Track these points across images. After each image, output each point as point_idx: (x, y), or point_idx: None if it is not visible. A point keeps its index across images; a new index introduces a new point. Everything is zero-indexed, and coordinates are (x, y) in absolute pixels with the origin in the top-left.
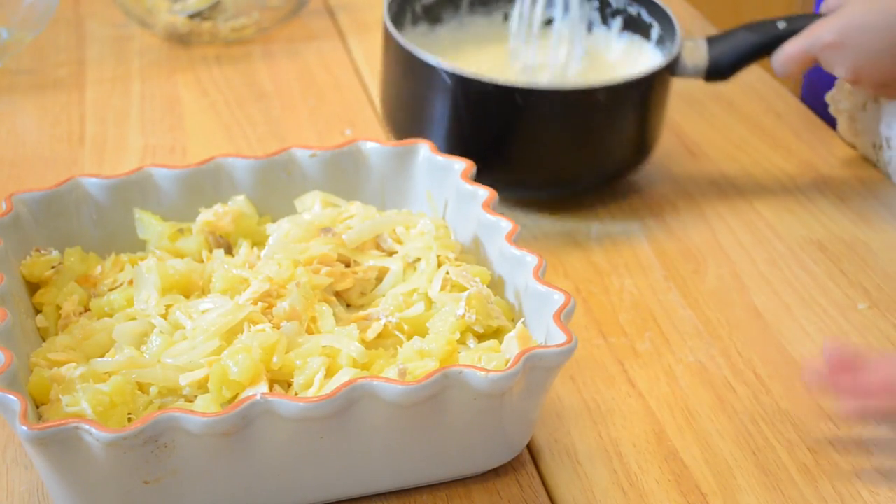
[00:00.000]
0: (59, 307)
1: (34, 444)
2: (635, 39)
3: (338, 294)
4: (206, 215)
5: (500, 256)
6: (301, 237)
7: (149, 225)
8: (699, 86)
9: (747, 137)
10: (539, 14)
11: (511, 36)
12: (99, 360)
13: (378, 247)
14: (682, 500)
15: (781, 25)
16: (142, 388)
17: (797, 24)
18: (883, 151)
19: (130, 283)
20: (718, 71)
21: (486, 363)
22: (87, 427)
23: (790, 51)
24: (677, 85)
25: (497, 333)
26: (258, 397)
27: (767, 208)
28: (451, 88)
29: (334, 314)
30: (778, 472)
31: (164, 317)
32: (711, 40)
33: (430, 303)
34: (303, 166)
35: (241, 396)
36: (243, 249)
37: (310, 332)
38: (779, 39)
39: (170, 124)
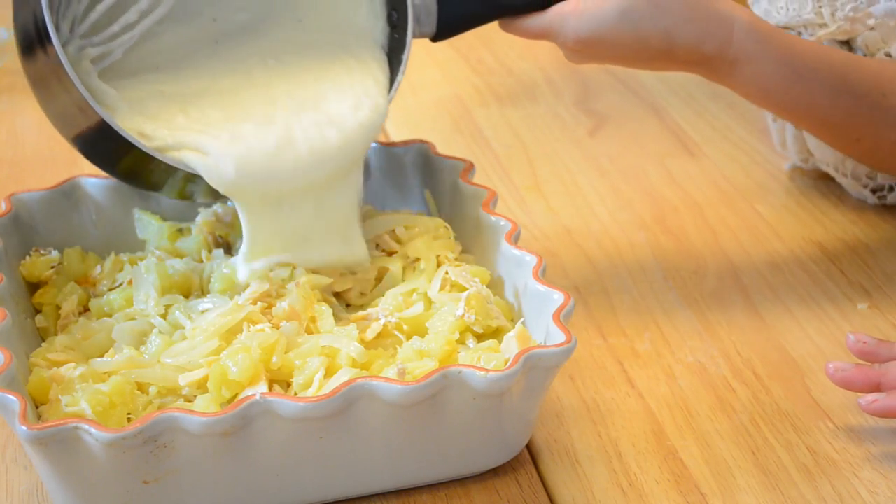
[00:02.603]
0: (58, 307)
1: (33, 444)
2: None
3: (337, 294)
4: (205, 215)
5: (500, 256)
6: None
7: (148, 225)
8: (699, 86)
9: (747, 137)
10: None
11: None
12: (98, 360)
13: (378, 247)
14: (682, 499)
15: None
16: (141, 388)
17: None
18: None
19: (130, 283)
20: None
21: (486, 363)
22: (86, 427)
23: (528, 28)
24: (677, 85)
25: (496, 333)
26: (257, 397)
27: (767, 208)
28: None
29: (334, 314)
30: (778, 472)
31: (164, 317)
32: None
33: (429, 303)
34: None
35: (241, 396)
36: None
37: (309, 332)
38: (522, 6)
39: None
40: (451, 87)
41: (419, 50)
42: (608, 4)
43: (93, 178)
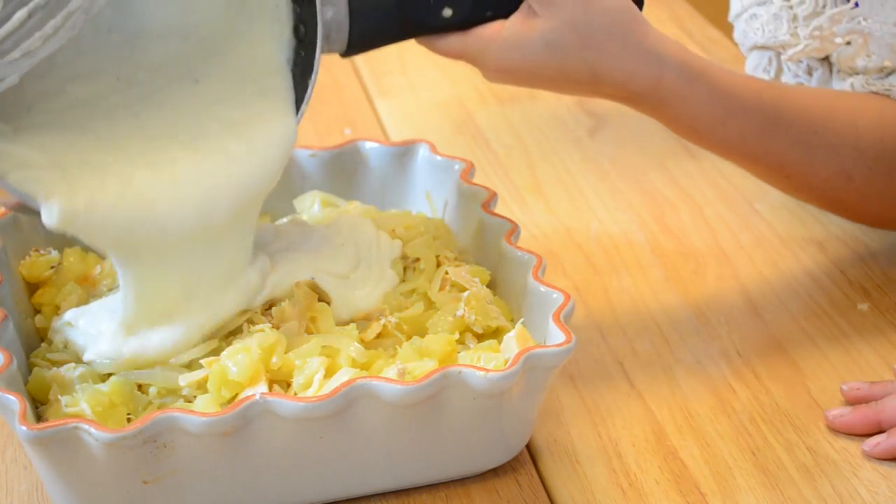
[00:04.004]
0: (58, 307)
1: (33, 444)
2: None
3: None
4: None
5: (500, 256)
6: None
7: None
8: None
9: None
10: None
11: None
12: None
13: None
14: (682, 499)
15: (447, 14)
16: (141, 388)
17: (463, 17)
18: None
19: None
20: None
21: (486, 363)
22: (86, 427)
23: (447, 49)
24: None
25: (496, 333)
26: (257, 397)
27: (767, 208)
28: None
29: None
30: (777, 472)
31: None
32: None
33: (429, 303)
34: (302, 166)
35: (241, 396)
36: None
37: (309, 332)
38: (440, 26)
39: None
40: (451, 87)
41: (419, 49)
42: (533, 34)
43: None
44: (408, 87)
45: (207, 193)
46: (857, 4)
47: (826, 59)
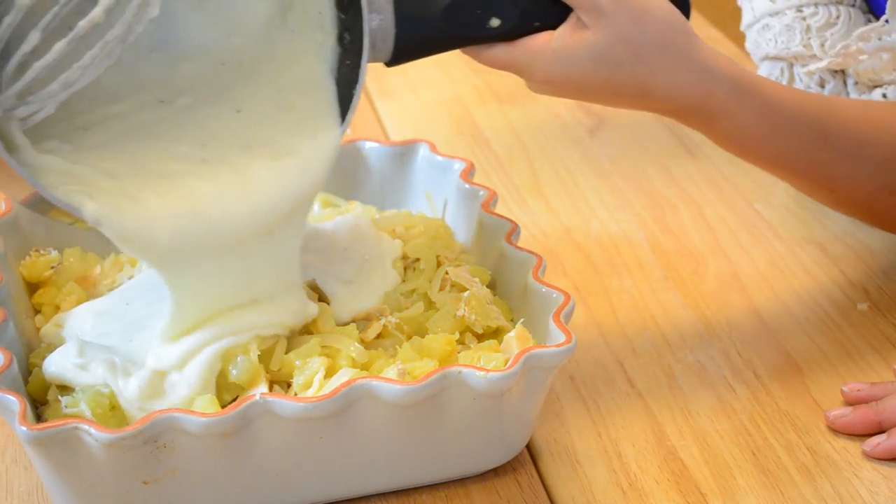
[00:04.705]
0: (58, 307)
1: (33, 444)
2: None
3: None
4: None
5: (500, 256)
6: None
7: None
8: None
9: None
10: None
11: None
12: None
13: None
14: (682, 500)
15: (494, 24)
16: None
17: (510, 27)
18: None
19: None
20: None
21: (486, 363)
22: (86, 427)
23: (493, 60)
24: None
25: (496, 333)
26: (257, 397)
27: (767, 208)
28: None
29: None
30: (778, 472)
31: None
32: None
33: (429, 303)
34: None
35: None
36: None
37: (309, 332)
38: (487, 36)
39: None
40: (451, 87)
41: None
42: (582, 46)
43: None
44: (408, 87)
45: (250, 208)
46: (887, 21)
47: (840, 72)
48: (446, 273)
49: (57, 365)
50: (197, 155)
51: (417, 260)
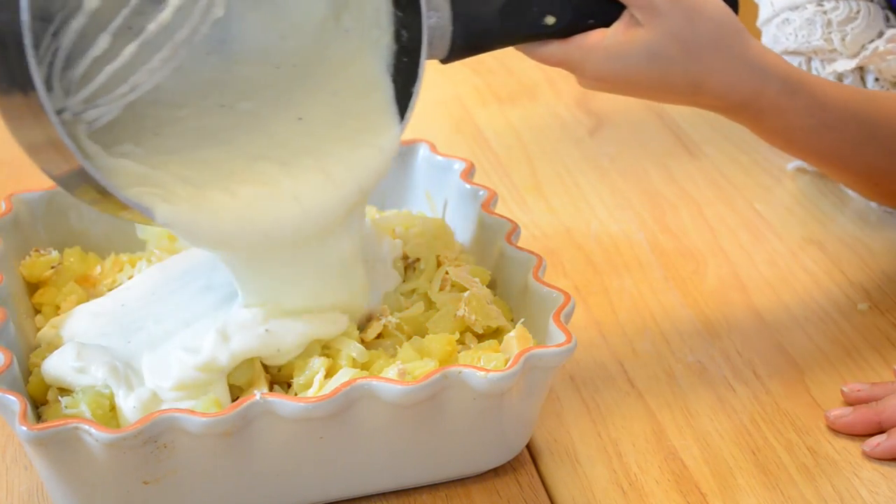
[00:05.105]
0: (58, 307)
1: (34, 444)
2: None
3: None
4: None
5: (500, 256)
6: None
7: (148, 225)
8: None
9: (747, 137)
10: None
11: None
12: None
13: None
14: (682, 499)
15: (549, 21)
16: None
17: (564, 24)
18: None
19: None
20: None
21: (486, 363)
22: (86, 427)
23: (547, 57)
24: None
25: (497, 333)
26: (257, 397)
27: (767, 208)
28: None
29: None
30: (778, 472)
31: None
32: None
33: (429, 303)
34: None
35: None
36: None
37: None
38: (541, 34)
39: None
40: (451, 87)
41: None
42: (635, 44)
43: None
44: None
45: (308, 209)
46: None
47: (859, 67)
48: (446, 273)
49: (55, 368)
50: (262, 159)
51: (417, 260)
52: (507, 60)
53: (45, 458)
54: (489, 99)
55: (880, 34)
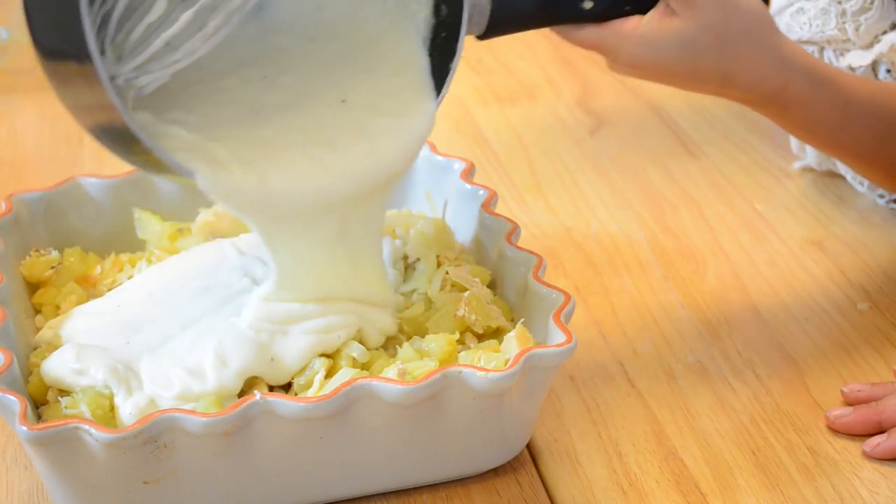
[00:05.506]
0: (58, 307)
1: (34, 444)
2: None
3: None
4: (206, 215)
5: (500, 256)
6: None
7: (148, 225)
8: None
9: (747, 137)
10: None
11: None
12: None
13: None
14: (682, 499)
15: (587, 6)
16: None
17: (602, 9)
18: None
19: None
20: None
21: (486, 363)
22: (86, 427)
23: (582, 40)
24: None
25: (497, 333)
26: (257, 397)
27: (767, 208)
28: None
29: None
30: (778, 472)
31: None
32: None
33: (429, 303)
34: None
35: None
36: None
37: None
38: (578, 17)
39: None
40: (452, 87)
41: None
42: (669, 33)
43: (93, 178)
44: None
45: (343, 180)
46: None
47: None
48: (446, 273)
49: (55, 370)
50: (307, 139)
51: (417, 260)
52: (508, 60)
53: (45, 458)
54: (489, 99)
55: (893, 25)
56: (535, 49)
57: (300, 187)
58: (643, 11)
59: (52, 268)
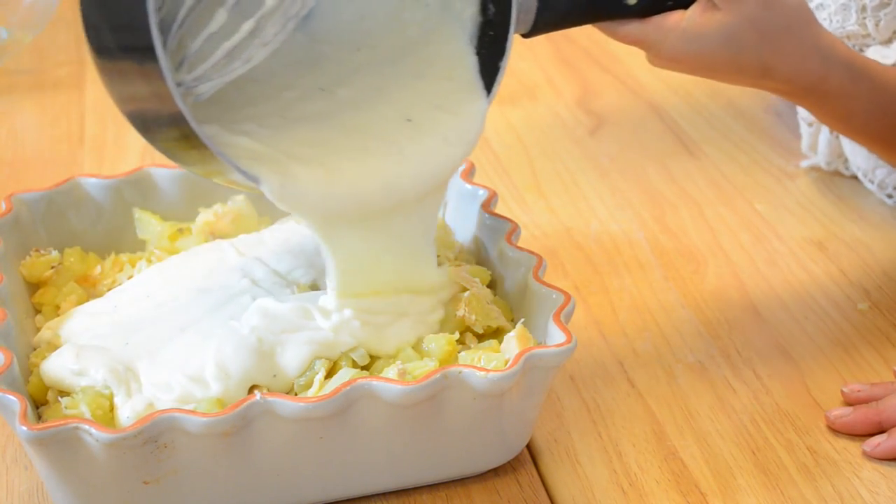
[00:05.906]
0: (58, 307)
1: (34, 444)
2: None
3: None
4: (205, 215)
5: (500, 256)
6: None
7: (148, 225)
8: (699, 85)
9: (747, 137)
10: None
11: None
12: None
13: None
14: (682, 499)
15: (631, 2)
16: None
17: (644, 4)
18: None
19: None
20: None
21: (486, 363)
22: (86, 427)
23: (625, 35)
24: (677, 84)
25: (497, 333)
26: (257, 397)
27: (767, 208)
28: None
29: None
30: (778, 472)
31: None
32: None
33: None
34: None
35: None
36: None
37: None
38: (622, 13)
39: None
40: None
41: None
42: (712, 27)
43: (93, 178)
44: None
45: (407, 181)
46: None
47: None
48: None
49: (54, 370)
50: (365, 136)
51: None
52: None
53: (45, 458)
54: None
55: None
56: (535, 49)
57: (366, 190)
58: (685, 6)
59: (52, 268)
